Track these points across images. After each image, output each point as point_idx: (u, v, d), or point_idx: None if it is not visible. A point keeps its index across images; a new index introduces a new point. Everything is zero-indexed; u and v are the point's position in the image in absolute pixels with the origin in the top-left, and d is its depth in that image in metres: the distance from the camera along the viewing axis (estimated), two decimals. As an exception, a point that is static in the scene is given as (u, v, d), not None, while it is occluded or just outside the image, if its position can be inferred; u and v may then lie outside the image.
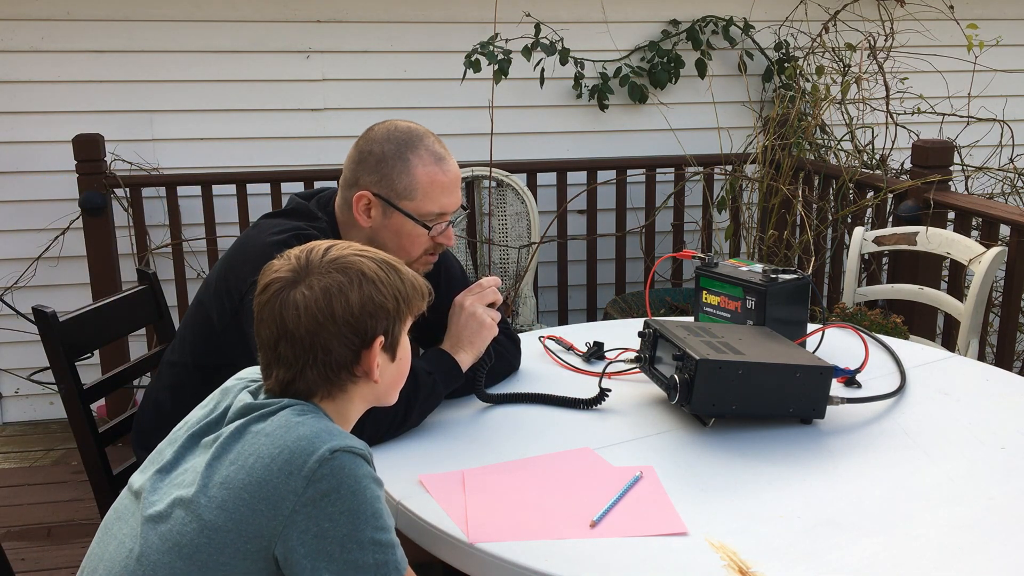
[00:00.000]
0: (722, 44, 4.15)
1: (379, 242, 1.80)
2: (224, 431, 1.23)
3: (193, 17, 3.77)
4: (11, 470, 3.53)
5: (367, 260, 1.28)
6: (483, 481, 1.49)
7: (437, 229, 1.83)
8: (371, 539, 1.16)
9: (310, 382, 1.26)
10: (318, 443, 1.16)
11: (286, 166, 3.92)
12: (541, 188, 3.99)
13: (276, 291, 1.25)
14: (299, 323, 1.23)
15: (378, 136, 1.81)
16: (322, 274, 1.25)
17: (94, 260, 3.63)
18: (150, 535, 1.20)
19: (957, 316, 2.69)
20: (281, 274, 1.26)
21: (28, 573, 2.81)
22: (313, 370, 1.25)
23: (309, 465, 1.15)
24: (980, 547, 1.30)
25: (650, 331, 1.81)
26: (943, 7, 4.17)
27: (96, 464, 1.90)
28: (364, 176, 1.80)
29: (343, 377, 1.27)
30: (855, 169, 3.61)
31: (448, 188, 1.82)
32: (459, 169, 1.86)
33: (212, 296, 1.82)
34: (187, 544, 1.17)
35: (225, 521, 1.15)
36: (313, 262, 1.26)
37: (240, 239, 1.85)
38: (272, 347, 1.26)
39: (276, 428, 1.20)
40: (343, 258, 1.27)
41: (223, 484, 1.17)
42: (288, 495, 1.14)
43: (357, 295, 1.25)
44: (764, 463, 1.54)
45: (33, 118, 3.73)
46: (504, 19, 3.83)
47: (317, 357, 1.24)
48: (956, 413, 1.75)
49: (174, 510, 1.20)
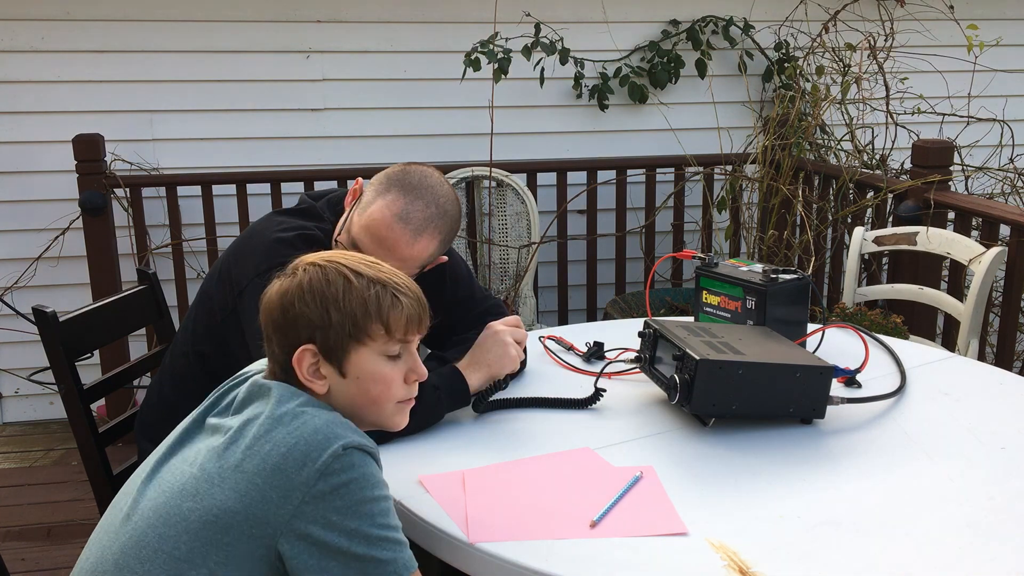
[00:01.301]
0: (722, 44, 4.15)
1: None
2: (236, 419, 1.26)
3: (193, 17, 3.77)
4: (11, 470, 3.53)
5: (317, 268, 1.30)
6: (483, 481, 1.49)
7: None
8: (379, 536, 1.17)
9: (273, 370, 1.32)
10: (332, 438, 1.19)
11: (286, 166, 3.92)
12: (541, 188, 3.99)
13: (278, 278, 1.34)
14: (281, 303, 1.30)
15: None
16: (289, 272, 1.32)
17: (94, 260, 3.63)
18: (156, 509, 1.23)
19: (957, 316, 2.69)
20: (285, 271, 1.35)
21: (28, 573, 2.81)
22: (269, 361, 1.33)
23: (323, 459, 1.17)
24: (980, 547, 1.30)
25: (650, 331, 1.81)
26: (943, 7, 4.17)
27: (96, 464, 1.90)
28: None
29: (288, 375, 1.30)
30: (855, 169, 3.61)
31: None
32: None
33: (216, 286, 1.85)
34: (195, 520, 1.19)
35: (235, 503, 1.17)
36: (300, 262, 1.33)
37: (247, 232, 1.86)
38: (267, 327, 1.34)
39: (292, 418, 1.22)
40: (300, 263, 1.32)
41: (237, 467, 1.19)
42: (299, 486, 1.16)
43: (281, 297, 1.29)
44: (764, 463, 1.54)
45: (33, 118, 3.73)
46: (504, 19, 3.83)
47: (268, 347, 1.32)
48: (956, 413, 1.75)
49: (184, 487, 1.22)
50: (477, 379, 1.76)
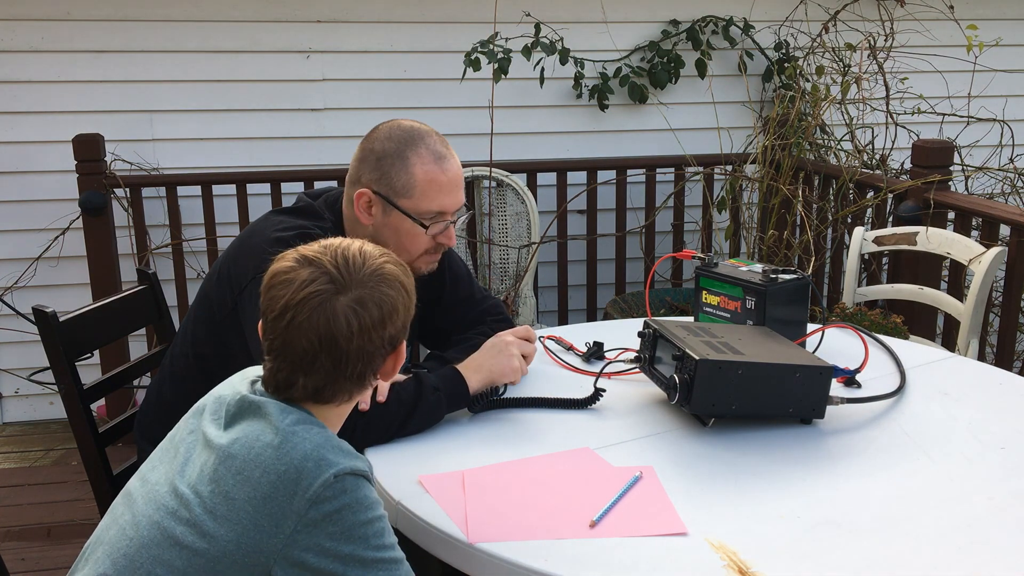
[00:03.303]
0: (722, 44, 4.15)
1: (381, 240, 1.80)
2: (226, 436, 1.23)
3: (193, 17, 3.77)
4: (11, 470, 3.53)
5: (393, 265, 1.28)
6: (482, 481, 1.49)
7: (436, 228, 1.82)
8: (374, 558, 1.17)
9: (339, 390, 1.25)
10: (324, 465, 1.16)
11: (286, 166, 3.92)
12: (541, 188, 3.99)
13: (319, 303, 1.20)
14: (351, 338, 1.21)
15: (380, 134, 1.82)
16: (369, 286, 1.23)
17: (94, 260, 3.63)
18: (152, 531, 1.21)
19: (957, 316, 2.69)
20: (320, 286, 1.21)
21: (28, 573, 2.81)
22: (349, 380, 1.25)
23: (314, 488, 1.15)
24: (980, 547, 1.30)
25: (650, 331, 1.81)
26: (943, 7, 4.17)
27: (96, 464, 1.90)
28: (365, 174, 1.80)
29: (369, 382, 1.28)
30: (855, 169, 3.61)
31: (447, 187, 1.80)
32: (462, 169, 1.85)
33: (215, 286, 1.84)
34: (188, 546, 1.17)
35: (227, 532, 1.16)
36: (354, 272, 1.23)
37: (245, 232, 1.86)
38: (309, 357, 1.21)
39: (282, 441, 1.18)
40: (381, 268, 1.26)
41: (227, 495, 1.17)
42: (291, 514, 1.15)
43: (403, 307, 1.26)
44: (764, 463, 1.54)
45: (33, 118, 3.73)
46: (504, 19, 3.83)
47: (358, 368, 1.24)
48: (956, 413, 1.75)
49: (178, 510, 1.20)
50: (477, 381, 1.76)
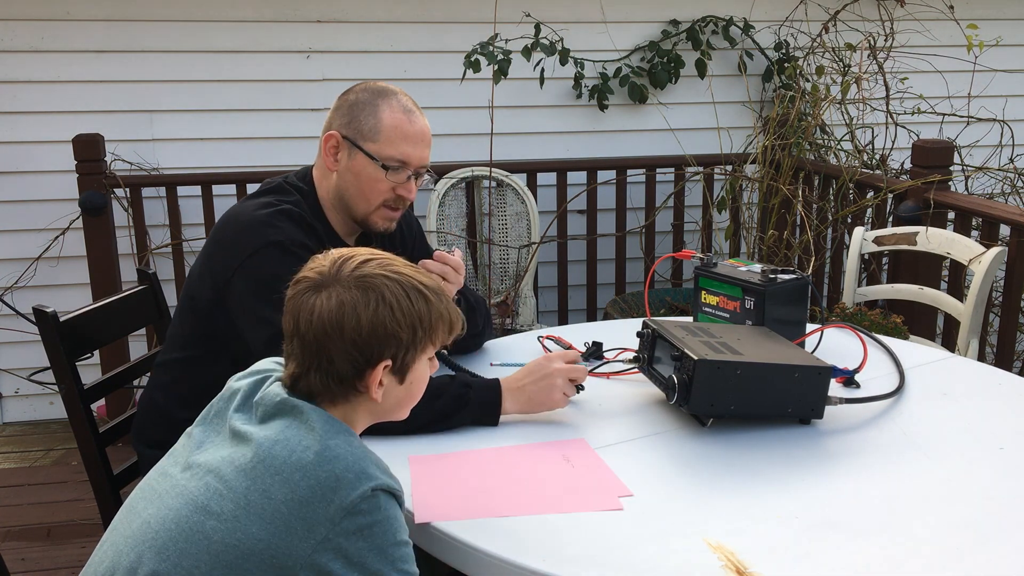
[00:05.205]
0: (722, 44, 4.15)
1: (342, 188, 1.85)
2: (262, 433, 1.23)
3: (193, 17, 3.77)
4: (11, 470, 3.53)
5: (393, 283, 1.27)
6: (430, 466, 1.53)
7: (396, 177, 1.83)
8: (395, 572, 1.18)
9: (312, 385, 1.27)
10: (364, 478, 1.18)
11: (286, 166, 3.91)
12: (541, 188, 3.99)
13: (301, 290, 1.28)
14: (309, 328, 1.25)
15: (356, 88, 1.88)
16: (344, 287, 1.25)
17: (94, 260, 3.63)
18: (179, 521, 1.21)
19: (957, 316, 2.69)
20: (311, 274, 1.28)
21: (28, 573, 2.81)
22: (316, 375, 1.26)
23: (352, 498, 1.16)
24: (979, 547, 1.30)
25: (648, 331, 1.81)
26: (943, 7, 4.17)
27: (96, 464, 1.90)
28: (336, 120, 1.86)
29: (345, 388, 1.28)
30: (855, 169, 3.61)
31: (412, 137, 1.84)
32: (429, 130, 1.88)
33: (197, 283, 1.85)
34: (217, 541, 1.18)
35: (260, 530, 1.17)
36: (343, 272, 1.27)
37: (218, 225, 1.86)
38: (289, 340, 1.29)
39: (323, 448, 1.20)
40: (369, 276, 1.27)
41: (264, 492, 1.18)
42: (325, 521, 1.16)
43: (369, 316, 1.25)
44: (763, 463, 1.55)
45: (33, 118, 3.73)
46: (504, 19, 3.83)
47: (321, 364, 1.26)
48: (955, 413, 1.75)
49: (209, 504, 1.20)
50: (513, 405, 1.72)
